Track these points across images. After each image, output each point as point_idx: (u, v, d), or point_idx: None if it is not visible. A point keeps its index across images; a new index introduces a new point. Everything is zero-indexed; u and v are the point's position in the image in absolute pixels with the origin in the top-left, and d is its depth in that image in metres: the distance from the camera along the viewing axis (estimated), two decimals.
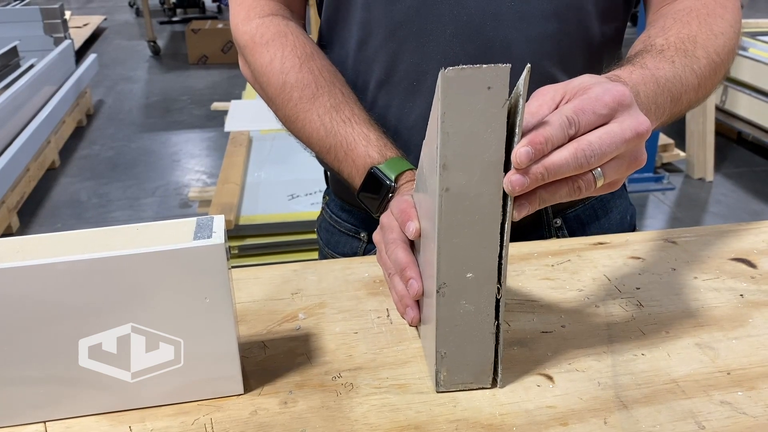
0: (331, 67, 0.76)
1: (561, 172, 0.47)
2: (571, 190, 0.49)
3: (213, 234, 0.49)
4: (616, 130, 0.48)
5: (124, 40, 6.51)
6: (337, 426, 0.51)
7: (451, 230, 0.49)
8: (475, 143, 0.46)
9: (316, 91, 0.73)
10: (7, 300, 0.46)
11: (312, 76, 0.73)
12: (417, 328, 0.62)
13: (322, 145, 0.73)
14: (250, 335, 0.61)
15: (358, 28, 0.74)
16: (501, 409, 0.52)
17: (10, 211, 2.83)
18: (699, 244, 0.76)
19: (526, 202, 0.48)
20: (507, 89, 0.45)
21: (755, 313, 0.64)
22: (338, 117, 0.71)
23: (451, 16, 0.70)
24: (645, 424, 0.51)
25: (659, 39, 0.66)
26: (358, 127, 0.71)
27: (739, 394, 0.54)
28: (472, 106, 0.45)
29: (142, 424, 0.51)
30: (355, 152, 0.70)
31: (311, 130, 0.73)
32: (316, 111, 0.72)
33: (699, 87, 0.64)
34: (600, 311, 0.64)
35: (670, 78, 0.61)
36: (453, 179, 0.47)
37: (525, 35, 0.70)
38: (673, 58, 0.63)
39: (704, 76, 0.64)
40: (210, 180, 3.38)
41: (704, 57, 0.64)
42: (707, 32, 0.66)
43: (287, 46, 0.75)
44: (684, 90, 0.62)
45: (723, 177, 3.38)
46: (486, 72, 0.44)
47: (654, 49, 0.64)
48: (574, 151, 0.47)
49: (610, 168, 0.49)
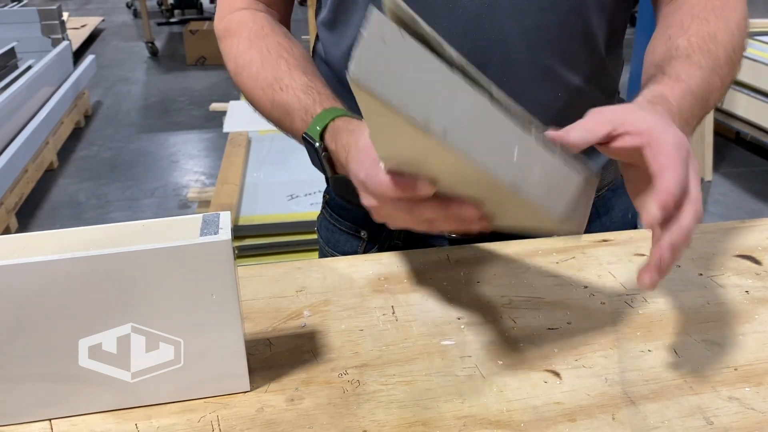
0: (286, 41, 0.76)
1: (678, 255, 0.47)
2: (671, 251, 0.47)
3: (220, 230, 0.49)
4: (691, 214, 0.47)
5: (122, 42, 6.50)
6: (344, 423, 0.50)
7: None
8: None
9: (261, 67, 0.73)
10: (10, 296, 0.46)
11: (259, 55, 0.74)
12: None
13: (271, 118, 0.74)
14: (255, 333, 0.61)
15: (355, 28, 0.74)
16: (508, 406, 0.52)
17: (9, 212, 2.83)
18: (703, 241, 0.76)
19: (656, 273, 0.46)
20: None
21: (761, 309, 0.64)
22: (277, 86, 0.72)
23: (445, 9, 0.70)
24: (653, 419, 0.51)
25: (681, 40, 0.65)
26: (293, 92, 0.70)
27: (747, 389, 0.54)
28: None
29: (148, 422, 0.51)
30: (294, 119, 0.70)
31: (261, 107, 0.74)
32: (260, 86, 0.73)
33: (722, 87, 0.64)
34: (606, 308, 0.64)
35: (701, 86, 0.61)
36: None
37: (522, 27, 0.70)
38: (700, 62, 0.62)
39: (726, 76, 0.64)
40: (209, 181, 3.38)
41: (724, 57, 0.64)
42: (725, 29, 0.66)
43: (243, 33, 0.77)
44: (711, 95, 0.62)
45: (722, 177, 3.38)
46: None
47: (680, 54, 0.63)
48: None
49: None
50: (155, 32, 6.32)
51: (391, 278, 0.69)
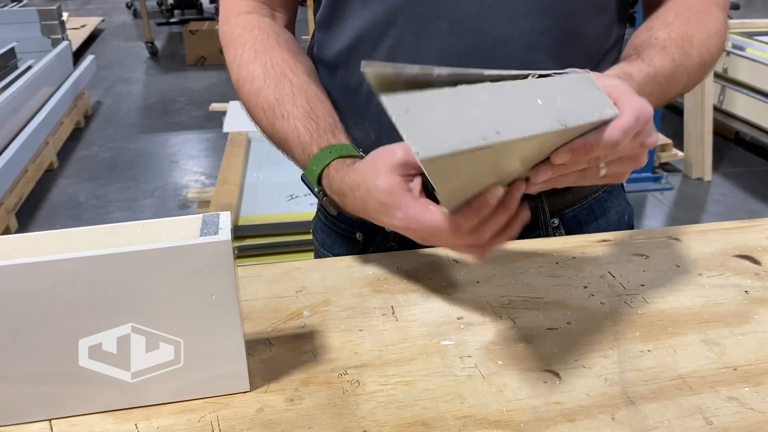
0: (290, 57, 0.75)
1: (578, 166, 0.54)
2: (577, 177, 0.55)
3: (219, 230, 0.49)
4: (634, 141, 0.54)
5: (122, 42, 6.50)
6: (344, 423, 0.51)
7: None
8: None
9: (263, 84, 0.73)
10: (10, 297, 0.46)
11: (262, 70, 0.73)
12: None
13: (272, 141, 0.74)
14: (255, 333, 0.61)
15: (352, 28, 0.74)
16: (508, 406, 0.52)
17: (9, 212, 2.83)
18: (702, 241, 0.76)
19: (542, 176, 0.54)
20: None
21: (760, 309, 0.64)
22: (278, 112, 0.71)
23: (446, 11, 0.70)
24: (653, 420, 0.51)
25: (662, 32, 0.70)
26: (293, 122, 0.70)
27: (746, 389, 0.54)
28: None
29: (148, 422, 0.51)
30: (294, 151, 0.70)
31: (262, 127, 0.74)
32: (261, 106, 0.73)
33: (686, 85, 0.71)
34: (605, 308, 0.64)
35: (667, 77, 0.67)
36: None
37: (519, 30, 0.70)
38: (673, 55, 0.68)
39: (693, 74, 0.70)
40: (209, 181, 3.38)
41: (697, 56, 0.70)
42: (704, 32, 0.71)
43: (248, 42, 0.76)
44: (673, 87, 0.69)
45: (721, 177, 3.38)
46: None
47: (657, 44, 0.69)
48: (602, 152, 0.53)
49: (614, 167, 0.56)
50: (155, 32, 6.32)
51: (391, 278, 0.69)
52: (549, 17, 0.71)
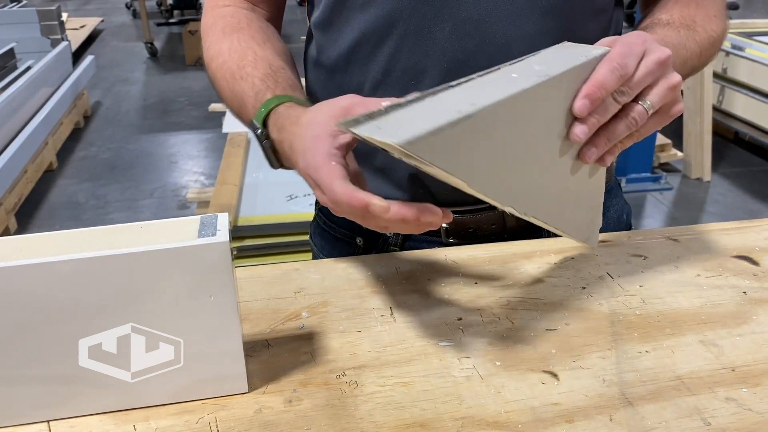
0: (260, 35, 0.76)
1: (608, 112, 0.56)
2: (627, 123, 0.57)
3: (217, 232, 0.49)
4: (647, 62, 0.57)
5: (121, 42, 6.50)
6: (342, 424, 0.51)
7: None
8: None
9: (228, 57, 0.73)
10: (9, 298, 0.46)
11: (228, 45, 0.74)
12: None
13: (232, 109, 0.73)
14: (253, 334, 0.61)
15: (353, 30, 0.74)
16: (506, 407, 0.52)
17: (8, 212, 2.83)
18: (701, 242, 0.76)
19: (593, 146, 0.58)
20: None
21: (759, 310, 0.64)
22: (238, 75, 0.71)
23: (449, 14, 0.70)
24: (651, 421, 0.51)
25: (663, 15, 0.75)
26: (251, 80, 0.69)
27: (744, 390, 0.54)
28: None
29: (146, 423, 0.51)
30: (248, 108, 0.69)
31: (225, 97, 0.74)
32: (224, 76, 0.73)
33: (701, 54, 0.73)
34: (603, 309, 0.64)
35: (676, 44, 0.69)
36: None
37: (523, 32, 0.70)
38: (678, 30, 0.72)
39: (704, 46, 0.73)
40: (208, 181, 3.38)
41: (703, 32, 0.74)
42: (704, 14, 0.75)
43: (218, 25, 0.77)
44: (689, 55, 0.71)
45: (720, 177, 3.38)
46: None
47: (660, 23, 0.73)
48: (617, 81, 0.55)
49: (655, 97, 0.57)
50: (154, 33, 6.32)
51: (389, 279, 0.69)
52: (551, 19, 0.71)
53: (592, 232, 0.68)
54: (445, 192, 0.78)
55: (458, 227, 0.79)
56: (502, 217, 0.78)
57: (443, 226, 0.79)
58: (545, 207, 0.60)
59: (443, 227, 0.79)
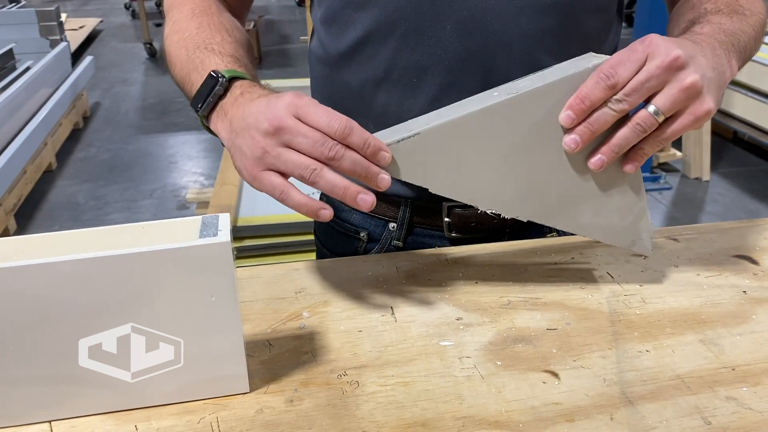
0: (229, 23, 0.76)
1: (602, 121, 0.57)
2: (632, 129, 0.57)
3: (219, 232, 0.49)
4: (647, 66, 0.56)
5: (120, 43, 6.50)
6: (344, 424, 0.51)
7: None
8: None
9: (195, 33, 0.73)
10: (9, 299, 0.46)
11: (197, 25, 0.74)
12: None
13: (182, 72, 0.72)
14: (254, 334, 0.61)
15: (355, 28, 0.74)
16: (507, 406, 0.52)
17: (7, 213, 2.82)
18: (701, 242, 0.77)
19: (598, 153, 0.59)
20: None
21: (758, 310, 0.64)
22: (204, 47, 0.71)
23: (450, 12, 0.70)
24: (651, 420, 0.51)
25: (708, 4, 0.71)
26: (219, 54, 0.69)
27: (744, 389, 0.54)
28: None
29: (148, 423, 0.51)
30: (209, 65, 0.68)
31: (175, 61, 0.74)
32: (186, 46, 0.72)
33: (756, 38, 0.70)
34: (604, 308, 0.64)
35: (734, 30, 0.67)
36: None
37: (524, 30, 0.71)
38: (730, 15, 0.69)
39: (757, 28, 0.71)
40: (207, 182, 3.38)
41: (751, 15, 0.71)
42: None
43: (187, 6, 0.78)
44: (747, 40, 0.68)
45: (719, 176, 3.38)
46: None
47: (708, 11, 0.70)
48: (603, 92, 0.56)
49: (662, 100, 0.56)
50: (153, 33, 6.30)
51: (390, 279, 0.70)
52: (552, 16, 0.71)
53: (639, 238, 0.66)
54: None
55: (460, 222, 0.79)
56: None
57: (446, 220, 0.79)
58: (552, 213, 0.62)
59: (446, 221, 0.79)
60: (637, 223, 0.65)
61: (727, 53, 0.63)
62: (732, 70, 0.64)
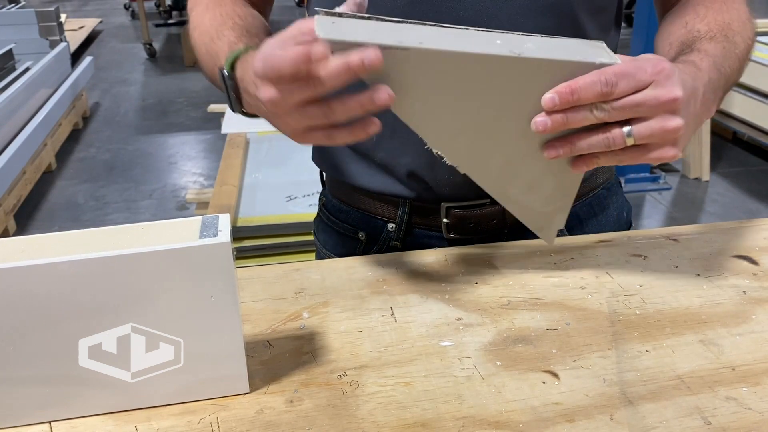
0: (242, 10, 0.76)
1: (579, 119, 0.55)
2: (601, 139, 0.56)
3: (219, 232, 0.49)
4: (647, 92, 0.54)
5: (120, 43, 6.50)
6: (344, 424, 0.51)
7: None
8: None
9: (209, 25, 0.74)
10: (10, 299, 0.46)
11: (210, 16, 0.75)
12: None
13: (207, 70, 0.73)
14: (254, 334, 0.61)
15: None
16: (507, 406, 0.52)
17: (7, 214, 2.82)
18: (700, 242, 0.77)
19: (555, 143, 0.57)
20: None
21: (758, 310, 0.64)
22: (215, 36, 0.72)
23: (448, 12, 0.70)
24: (651, 420, 0.51)
25: (700, 25, 0.70)
26: (227, 39, 0.70)
27: (744, 389, 0.54)
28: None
29: (148, 424, 0.51)
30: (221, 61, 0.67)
31: (202, 61, 0.75)
32: (203, 41, 0.74)
33: (740, 69, 0.70)
34: (603, 308, 0.64)
35: (724, 66, 0.66)
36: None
37: (523, 30, 0.71)
38: (722, 43, 0.68)
39: (742, 59, 0.70)
40: (207, 182, 3.38)
41: (741, 42, 0.70)
42: (738, 19, 0.72)
43: (203, 2, 0.78)
44: (732, 74, 0.68)
45: (719, 176, 3.39)
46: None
47: (702, 36, 0.69)
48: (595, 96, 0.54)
49: (641, 130, 0.55)
50: (153, 33, 6.31)
51: (390, 279, 0.70)
52: (551, 17, 0.71)
53: (548, 228, 0.67)
54: (446, 187, 0.78)
55: (459, 222, 0.79)
56: (502, 212, 0.79)
57: (444, 221, 0.79)
58: (488, 175, 0.62)
59: (444, 222, 0.79)
60: (554, 216, 0.66)
61: (715, 95, 0.63)
62: (710, 115, 0.64)
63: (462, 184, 0.78)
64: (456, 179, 0.77)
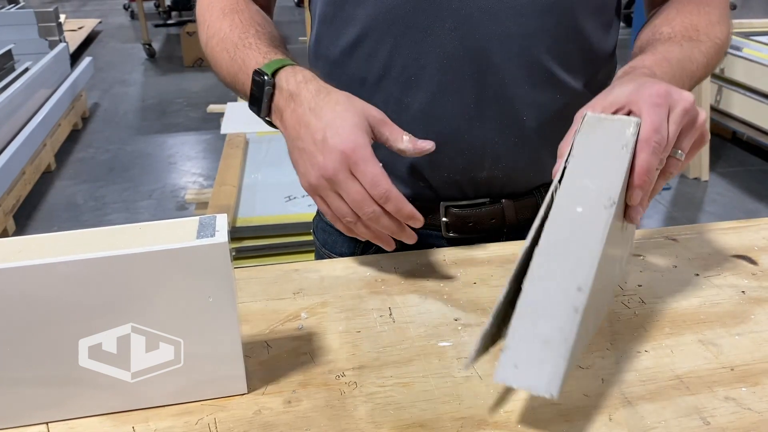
0: (259, 16, 0.78)
1: (652, 182, 0.57)
2: (666, 178, 0.59)
3: (216, 233, 0.49)
4: (674, 118, 0.56)
5: (119, 43, 6.50)
6: (342, 425, 0.51)
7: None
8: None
9: (229, 32, 0.75)
10: (9, 300, 0.46)
11: (229, 23, 0.76)
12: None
13: (230, 74, 0.74)
14: (252, 335, 0.61)
15: (354, 24, 0.75)
16: (506, 407, 0.52)
17: (6, 214, 2.82)
18: (700, 241, 0.76)
19: (636, 210, 0.58)
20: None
21: (757, 309, 0.64)
22: (241, 44, 0.73)
23: (450, 11, 0.70)
24: (650, 420, 0.51)
25: (665, 28, 0.74)
26: (257, 46, 0.71)
27: (743, 389, 0.54)
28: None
29: (146, 424, 0.51)
30: (251, 65, 0.70)
31: (221, 67, 0.75)
32: (225, 48, 0.74)
33: (707, 64, 0.72)
34: None
35: (680, 58, 0.69)
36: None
37: (523, 30, 0.71)
38: (680, 42, 0.71)
39: (710, 55, 0.73)
40: (206, 182, 3.38)
41: (707, 40, 0.73)
42: (707, 22, 0.74)
43: (216, 7, 0.79)
44: (695, 67, 0.70)
45: (718, 176, 3.39)
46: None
47: (662, 37, 0.72)
48: (660, 158, 0.56)
49: (684, 143, 0.58)
50: (152, 34, 6.31)
51: (388, 280, 0.69)
52: (550, 16, 0.71)
53: (624, 274, 0.70)
54: (445, 186, 0.78)
55: (458, 221, 0.79)
56: (501, 211, 0.79)
57: (443, 220, 0.79)
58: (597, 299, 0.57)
59: (443, 221, 0.79)
60: (627, 265, 0.68)
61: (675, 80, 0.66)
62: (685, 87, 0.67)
63: (461, 183, 0.78)
64: (455, 178, 0.77)
